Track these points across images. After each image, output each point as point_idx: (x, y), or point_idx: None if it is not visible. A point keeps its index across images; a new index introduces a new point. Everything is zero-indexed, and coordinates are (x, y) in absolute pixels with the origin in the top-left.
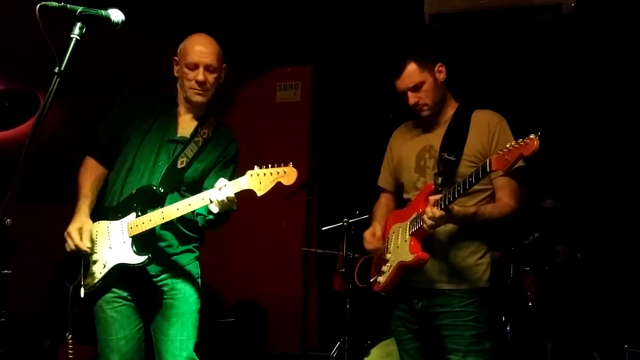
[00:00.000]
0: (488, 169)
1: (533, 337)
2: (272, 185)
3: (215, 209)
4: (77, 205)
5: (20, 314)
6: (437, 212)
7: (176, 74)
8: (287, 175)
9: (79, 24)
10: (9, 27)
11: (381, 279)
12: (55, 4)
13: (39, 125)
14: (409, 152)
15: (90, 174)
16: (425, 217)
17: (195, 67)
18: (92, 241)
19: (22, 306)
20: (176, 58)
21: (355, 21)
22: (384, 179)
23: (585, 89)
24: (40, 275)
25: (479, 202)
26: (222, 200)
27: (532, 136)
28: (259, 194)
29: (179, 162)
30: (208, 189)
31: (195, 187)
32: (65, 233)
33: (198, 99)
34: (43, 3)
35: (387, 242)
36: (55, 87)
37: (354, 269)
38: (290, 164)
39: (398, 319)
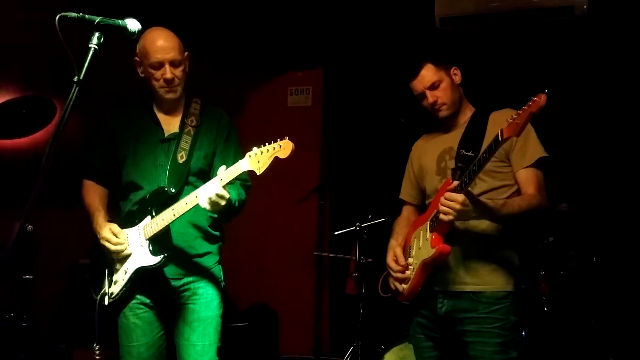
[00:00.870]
0: (500, 138)
1: (549, 342)
2: (270, 161)
3: (206, 205)
4: (94, 220)
5: (38, 318)
6: (454, 196)
7: (141, 75)
8: (283, 148)
9: (97, 34)
10: (26, 35)
11: (405, 285)
12: (74, 14)
13: (59, 133)
14: (430, 157)
15: (94, 193)
16: (440, 204)
17: (160, 65)
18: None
19: (40, 310)
20: (137, 59)
21: (366, 25)
22: (406, 192)
23: (599, 91)
24: (56, 279)
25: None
26: (210, 198)
27: (539, 93)
28: (258, 172)
29: (178, 157)
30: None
31: (206, 176)
32: (101, 239)
33: (171, 96)
34: (63, 14)
35: (410, 249)
36: (74, 96)
37: (378, 281)
38: (286, 137)
39: (418, 325)
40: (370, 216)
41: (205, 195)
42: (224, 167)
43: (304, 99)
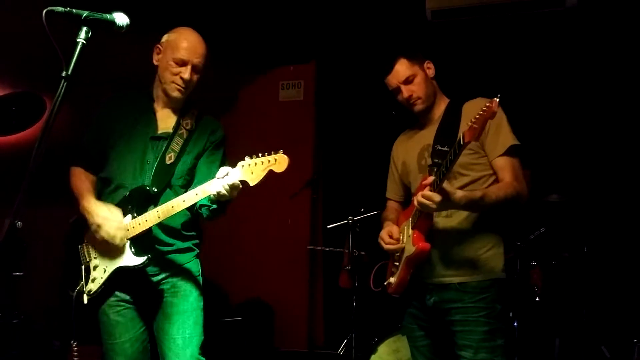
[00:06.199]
0: (462, 142)
1: (541, 332)
2: (264, 174)
3: (219, 189)
4: (85, 199)
5: (31, 315)
6: (429, 194)
7: (156, 62)
8: (278, 162)
9: (84, 28)
10: (16, 31)
11: (393, 279)
12: (61, 9)
13: (48, 129)
14: (411, 155)
15: (82, 180)
16: (417, 203)
17: (183, 63)
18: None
19: (33, 307)
20: (159, 46)
21: (357, 18)
22: (392, 190)
23: (590, 82)
24: (50, 276)
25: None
26: (232, 184)
27: (492, 99)
28: (251, 184)
29: (167, 158)
30: (199, 180)
31: (188, 180)
32: (96, 225)
33: (177, 95)
34: (49, 8)
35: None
36: (62, 91)
37: (371, 273)
38: (281, 151)
39: (410, 316)
40: (362, 209)
41: (220, 183)
42: (227, 168)
43: (296, 93)
